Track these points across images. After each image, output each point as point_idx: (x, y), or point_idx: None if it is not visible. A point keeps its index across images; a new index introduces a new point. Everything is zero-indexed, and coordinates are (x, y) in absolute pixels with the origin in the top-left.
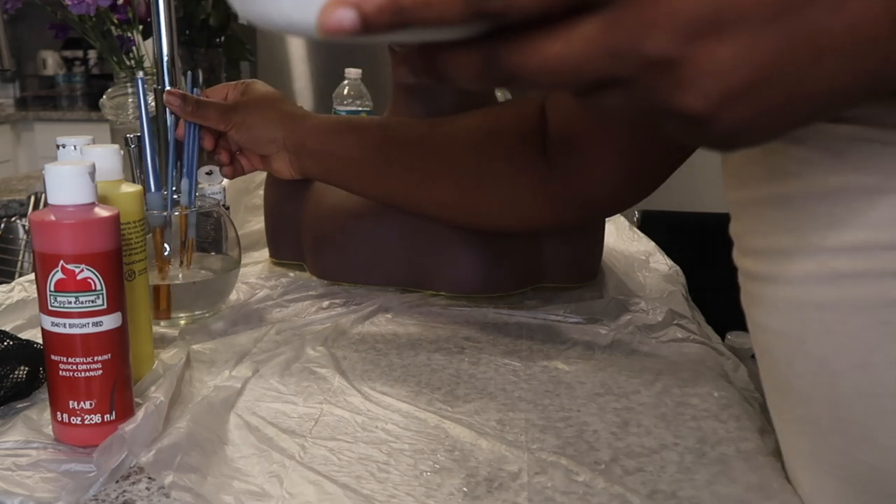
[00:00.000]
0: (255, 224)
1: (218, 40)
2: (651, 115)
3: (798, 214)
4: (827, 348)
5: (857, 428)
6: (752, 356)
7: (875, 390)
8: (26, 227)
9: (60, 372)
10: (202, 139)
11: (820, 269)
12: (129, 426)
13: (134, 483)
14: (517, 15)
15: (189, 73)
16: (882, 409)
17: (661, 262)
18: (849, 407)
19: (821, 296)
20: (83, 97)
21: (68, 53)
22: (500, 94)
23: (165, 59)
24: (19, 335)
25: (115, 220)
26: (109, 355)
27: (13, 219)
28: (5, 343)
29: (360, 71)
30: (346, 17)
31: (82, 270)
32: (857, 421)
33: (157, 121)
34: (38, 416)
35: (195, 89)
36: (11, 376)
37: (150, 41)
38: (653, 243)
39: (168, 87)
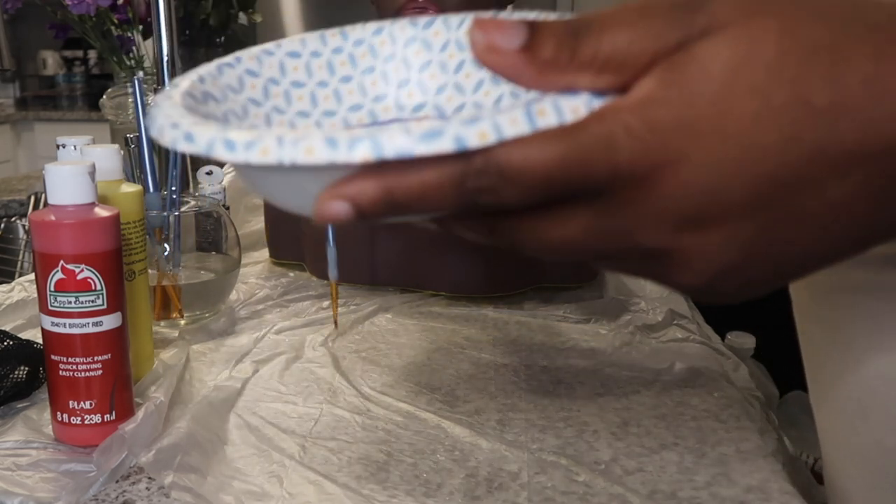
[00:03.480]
0: (255, 224)
1: (218, 40)
2: (659, 281)
3: None
4: (856, 332)
5: (880, 413)
6: (752, 356)
7: None
8: (26, 227)
9: (60, 372)
10: None
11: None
12: (129, 426)
13: (134, 483)
14: (506, 207)
15: None
16: None
17: None
18: (873, 391)
19: (856, 279)
20: (83, 97)
21: (68, 53)
22: None
23: (165, 59)
24: (19, 335)
25: (115, 220)
26: (109, 355)
27: (13, 219)
28: (5, 343)
29: None
30: (341, 209)
31: (82, 270)
32: (880, 405)
33: None
34: (38, 416)
35: None
36: (11, 376)
37: (150, 41)
38: None
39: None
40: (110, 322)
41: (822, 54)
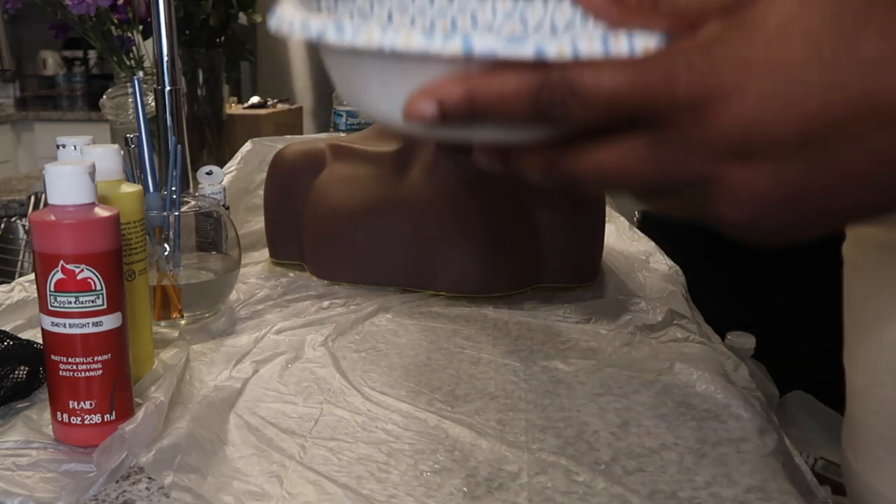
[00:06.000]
0: (255, 224)
1: (218, 40)
2: (703, 216)
3: None
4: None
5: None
6: (752, 356)
7: None
8: (26, 227)
9: (60, 372)
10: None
11: None
12: (129, 426)
13: (134, 483)
14: (573, 122)
15: None
16: None
17: (661, 262)
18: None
19: None
20: (83, 97)
21: (68, 53)
22: None
23: (165, 59)
24: (19, 335)
25: (115, 220)
26: (109, 355)
27: (13, 219)
28: (5, 343)
29: None
30: (428, 108)
31: (82, 270)
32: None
33: (155, 121)
34: (38, 416)
35: None
36: (11, 376)
37: (150, 41)
38: (653, 243)
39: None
40: (110, 322)
41: (876, 10)
